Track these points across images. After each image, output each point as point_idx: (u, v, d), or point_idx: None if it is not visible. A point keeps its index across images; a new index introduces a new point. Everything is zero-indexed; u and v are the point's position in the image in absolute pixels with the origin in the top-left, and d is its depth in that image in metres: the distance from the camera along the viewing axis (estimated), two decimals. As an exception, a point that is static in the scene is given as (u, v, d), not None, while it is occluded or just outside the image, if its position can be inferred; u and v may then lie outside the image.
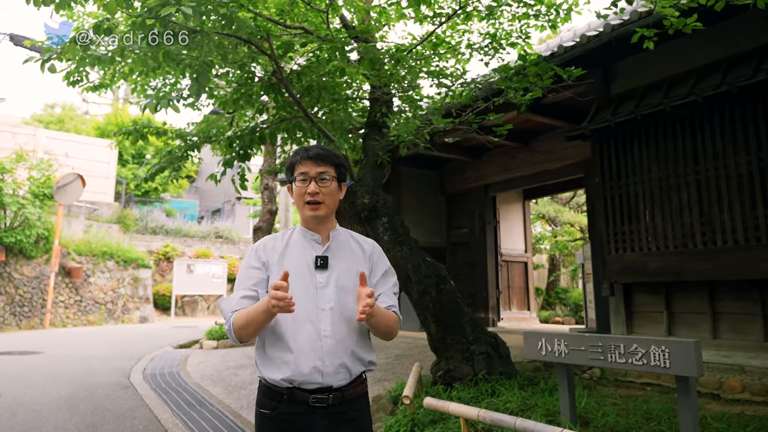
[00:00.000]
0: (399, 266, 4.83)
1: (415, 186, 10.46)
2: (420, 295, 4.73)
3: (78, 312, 14.35)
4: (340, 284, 1.77)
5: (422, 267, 4.77)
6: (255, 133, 4.90)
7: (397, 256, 4.83)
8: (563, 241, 14.26)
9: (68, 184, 14.14)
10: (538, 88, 4.46)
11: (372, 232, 5.00)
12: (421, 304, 4.75)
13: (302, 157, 1.81)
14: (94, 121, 26.52)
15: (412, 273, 4.76)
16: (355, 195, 5.11)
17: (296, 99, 4.59)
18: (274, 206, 10.35)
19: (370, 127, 5.81)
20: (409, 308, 9.51)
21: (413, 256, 4.82)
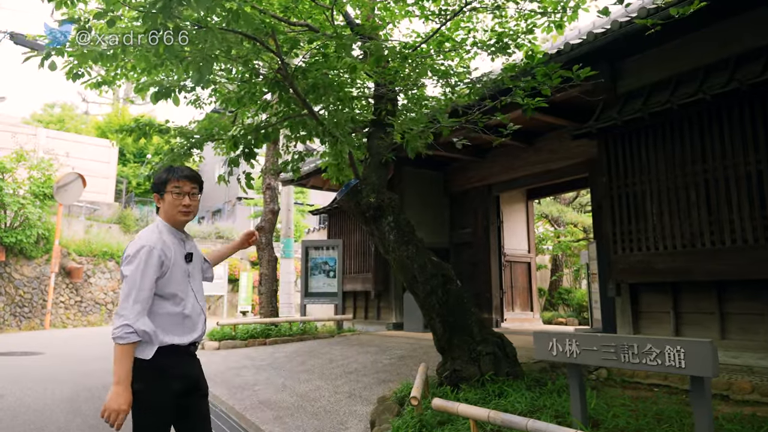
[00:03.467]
0: (405, 266, 4.79)
1: (418, 186, 10.42)
2: (426, 295, 4.68)
3: (78, 313, 14.29)
4: (197, 271, 2.45)
5: (428, 267, 4.72)
6: (259, 131, 4.84)
7: (403, 255, 4.78)
8: (566, 242, 14.21)
9: (68, 184, 14.09)
10: (547, 87, 4.40)
11: (377, 231, 4.95)
12: (428, 305, 4.69)
13: (177, 175, 2.33)
14: (94, 121, 26.48)
15: (418, 273, 4.71)
16: (360, 194, 5.06)
17: (301, 96, 4.54)
18: (276, 206, 10.31)
19: (374, 126, 5.76)
20: (411, 309, 9.51)
21: (419, 255, 4.77)
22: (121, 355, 2.05)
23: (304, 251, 10.20)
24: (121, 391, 2.03)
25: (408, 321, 9.53)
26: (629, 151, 5.94)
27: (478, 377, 4.41)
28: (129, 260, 2.16)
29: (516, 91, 4.59)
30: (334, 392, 5.35)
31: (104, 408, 2.03)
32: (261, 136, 4.86)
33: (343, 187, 5.16)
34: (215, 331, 9.45)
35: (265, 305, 9.92)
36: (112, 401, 2.02)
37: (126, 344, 2.05)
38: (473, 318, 4.67)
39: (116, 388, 2.03)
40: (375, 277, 10.04)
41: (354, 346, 7.90)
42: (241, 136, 4.79)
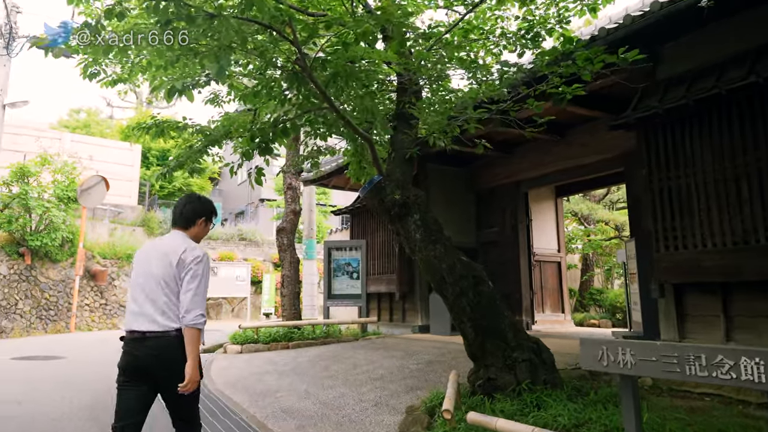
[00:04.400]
0: (432, 266, 4.49)
1: (443, 183, 10.10)
2: (456, 297, 4.38)
3: (103, 315, 14.32)
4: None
5: (458, 267, 4.41)
6: (277, 126, 4.60)
7: (430, 255, 4.49)
8: (597, 240, 13.71)
9: (92, 187, 14.13)
10: (587, 72, 4.05)
11: (403, 229, 4.66)
12: (458, 307, 4.39)
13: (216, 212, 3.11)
14: (119, 125, 26.75)
15: (447, 273, 4.41)
16: (383, 191, 4.78)
17: (321, 88, 4.28)
18: (297, 206, 10.10)
19: (397, 120, 5.48)
20: (438, 312, 9.19)
21: (448, 255, 4.47)
22: (197, 338, 2.62)
23: (327, 252, 9.97)
24: (196, 365, 2.60)
25: (434, 323, 9.22)
26: (672, 141, 5.54)
27: (514, 386, 4.09)
28: (199, 261, 2.69)
29: (552, 78, 4.24)
30: (360, 400, 5.08)
31: (187, 380, 2.56)
32: (279, 131, 4.61)
33: (366, 184, 4.89)
34: (237, 334, 9.28)
35: (287, 308, 9.71)
36: (194, 374, 2.58)
37: (201, 329, 2.63)
38: (507, 321, 4.35)
39: (194, 363, 2.58)
40: (400, 278, 9.75)
41: (379, 350, 7.62)
42: (259, 131, 4.55)
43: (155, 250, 2.80)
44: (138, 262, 2.84)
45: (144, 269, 2.76)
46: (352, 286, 9.81)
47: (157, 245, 2.86)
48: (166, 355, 2.62)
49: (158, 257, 2.74)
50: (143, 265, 2.79)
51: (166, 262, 2.69)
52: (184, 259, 2.67)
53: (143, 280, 2.73)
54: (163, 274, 2.68)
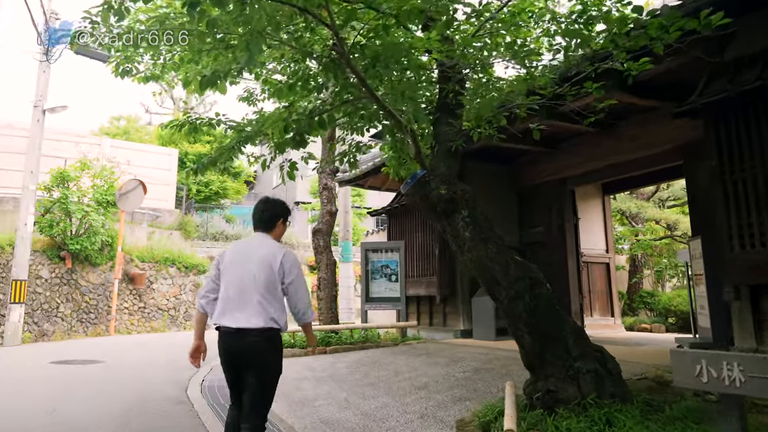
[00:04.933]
0: (484, 267, 4.11)
1: (483, 181, 9.64)
2: (510, 301, 3.97)
3: (142, 318, 14.39)
4: None
5: (512, 268, 4.01)
6: (313, 118, 4.30)
7: (482, 255, 4.10)
8: (646, 240, 13.00)
9: (130, 191, 14.22)
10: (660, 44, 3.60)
11: (450, 227, 4.29)
12: (512, 312, 3.98)
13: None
14: (157, 131, 27.16)
15: (500, 275, 4.01)
16: (428, 186, 4.42)
17: (360, 75, 3.96)
18: (334, 207, 9.83)
19: (440, 111, 5.12)
20: (482, 316, 8.75)
21: (500, 254, 4.07)
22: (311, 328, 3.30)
23: (364, 254, 9.66)
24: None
25: (478, 328, 8.79)
26: (745, 128, 5.01)
27: (578, 400, 3.66)
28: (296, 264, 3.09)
29: (616, 54, 3.80)
30: (404, 411, 4.73)
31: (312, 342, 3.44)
32: (315, 123, 4.31)
33: (409, 180, 4.54)
34: (273, 338, 9.05)
35: (324, 311, 9.44)
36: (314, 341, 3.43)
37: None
38: (568, 327, 3.93)
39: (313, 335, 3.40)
40: (440, 280, 9.35)
41: (421, 356, 7.25)
42: (294, 122, 4.26)
43: (251, 254, 3.07)
44: (230, 264, 3.08)
45: (239, 271, 3.03)
46: (390, 289, 9.47)
47: (252, 249, 3.11)
48: (254, 349, 2.91)
49: (257, 261, 3.01)
50: (237, 266, 3.05)
51: (267, 267, 2.99)
52: (284, 264, 3.01)
53: (243, 281, 2.99)
54: (265, 278, 2.97)
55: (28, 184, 11.70)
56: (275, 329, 2.97)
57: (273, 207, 3.25)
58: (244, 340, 2.90)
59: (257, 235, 3.19)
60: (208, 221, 20.14)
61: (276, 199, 3.36)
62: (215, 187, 22.98)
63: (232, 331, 2.93)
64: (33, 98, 11.69)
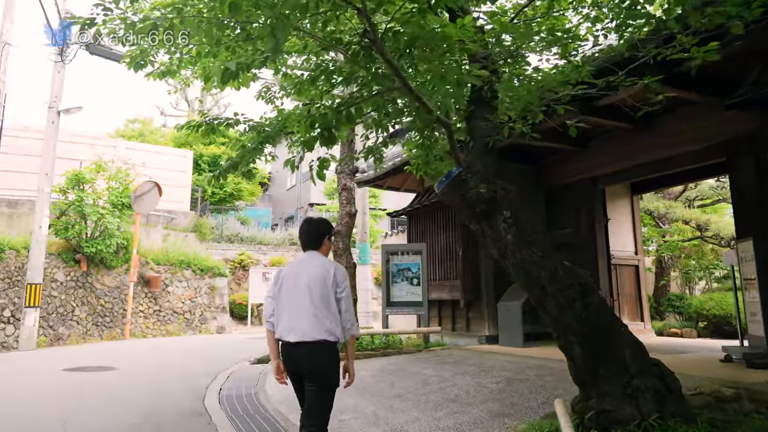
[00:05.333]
0: (528, 273, 3.76)
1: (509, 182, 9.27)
2: (559, 310, 3.63)
3: (157, 322, 14.19)
4: None
5: (560, 274, 3.67)
6: (340, 111, 3.99)
7: (526, 260, 3.76)
8: (674, 241, 12.52)
9: (145, 193, 14.04)
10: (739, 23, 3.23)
11: (490, 230, 3.96)
12: (561, 322, 3.64)
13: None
14: (171, 133, 27.10)
15: (548, 282, 3.67)
16: (465, 185, 4.09)
17: (393, 64, 3.63)
18: (353, 208, 9.51)
19: (474, 104, 4.79)
20: (508, 321, 8.39)
21: (547, 259, 3.73)
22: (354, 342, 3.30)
23: (385, 257, 9.33)
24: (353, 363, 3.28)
25: (504, 334, 8.42)
26: (807, 121, 4.62)
27: (638, 421, 3.31)
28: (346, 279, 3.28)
29: (679, 38, 3.44)
30: (437, 427, 4.39)
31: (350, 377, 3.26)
32: (343, 117, 3.99)
33: (443, 178, 4.21)
34: (292, 344, 8.76)
35: (344, 316, 9.13)
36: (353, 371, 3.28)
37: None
38: (625, 340, 3.57)
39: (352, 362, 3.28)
40: (464, 284, 9.00)
41: (447, 365, 6.90)
42: (320, 116, 3.95)
43: (304, 271, 3.26)
44: (286, 281, 3.28)
45: (295, 287, 3.22)
46: (412, 292, 9.13)
47: (306, 266, 3.30)
48: (314, 360, 3.08)
49: (311, 277, 3.20)
50: (292, 283, 3.24)
51: (321, 281, 3.18)
52: (337, 277, 3.23)
53: (299, 297, 3.19)
54: (319, 292, 3.16)
55: (42, 187, 11.55)
56: (331, 341, 3.11)
57: (317, 226, 3.49)
58: (303, 352, 3.08)
59: (308, 253, 3.40)
60: (223, 223, 19.95)
61: (318, 219, 3.64)
62: (230, 188, 22.81)
63: (292, 344, 3.12)
64: (48, 99, 11.54)
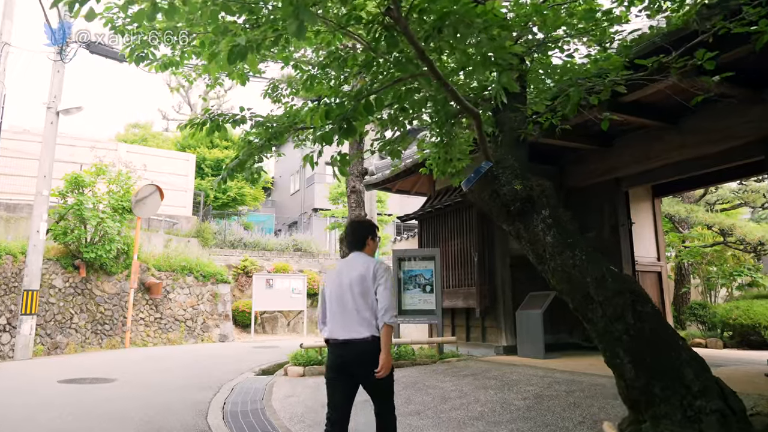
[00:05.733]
0: (572, 280, 3.35)
1: (525, 184, 8.87)
2: (608, 322, 3.21)
3: (158, 330, 13.77)
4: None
5: (608, 280, 3.25)
6: (359, 100, 3.59)
7: (568, 264, 3.35)
8: (695, 247, 12.06)
9: (146, 197, 13.67)
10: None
11: (526, 231, 3.55)
12: (610, 336, 3.22)
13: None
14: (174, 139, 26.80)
15: (594, 289, 3.25)
16: (497, 181, 3.69)
17: (418, 46, 3.24)
18: (362, 212, 9.11)
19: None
20: (527, 330, 7.95)
21: (593, 264, 3.32)
22: (390, 333, 3.18)
23: (396, 262, 8.91)
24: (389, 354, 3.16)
25: (523, 344, 7.98)
26: None
27: (705, 449, 2.89)
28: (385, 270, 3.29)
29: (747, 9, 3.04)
30: (464, 451, 3.96)
31: (381, 366, 3.11)
32: (361, 106, 3.59)
33: (472, 174, 3.81)
34: (299, 354, 8.34)
35: (353, 325, 8.70)
36: (388, 363, 3.14)
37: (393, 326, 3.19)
38: (685, 356, 3.14)
39: (387, 353, 3.15)
40: (480, 291, 8.57)
41: (466, 378, 6.47)
42: (336, 106, 3.56)
43: (348, 271, 3.34)
44: (332, 282, 3.40)
45: (341, 287, 3.31)
46: (424, 300, 8.70)
47: (350, 266, 3.38)
48: (363, 356, 3.15)
49: (354, 277, 3.28)
50: (338, 283, 3.34)
51: (362, 280, 3.25)
52: (375, 272, 3.25)
53: (342, 296, 3.28)
54: (361, 290, 3.23)
55: (41, 189, 11.18)
56: (378, 337, 3.18)
57: (360, 228, 3.56)
58: (351, 349, 3.18)
59: (353, 254, 3.48)
60: (225, 228, 19.58)
61: (362, 220, 3.86)
62: (233, 193, 22.46)
63: (340, 343, 3.23)
64: (46, 100, 11.19)
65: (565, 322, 8.87)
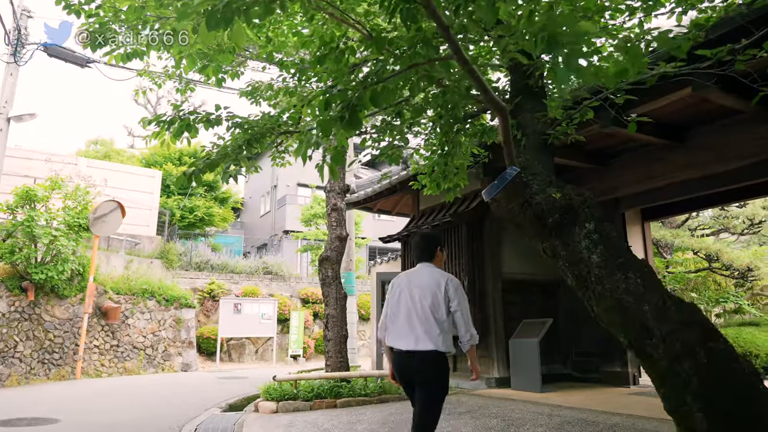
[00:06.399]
0: (624, 308, 2.75)
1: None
2: (673, 360, 2.61)
3: (114, 359, 12.64)
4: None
5: (671, 309, 2.67)
6: (366, 87, 2.98)
7: (619, 289, 2.76)
8: (680, 273, 11.79)
9: (106, 215, 12.68)
10: None
11: (565, 248, 2.96)
12: (675, 377, 2.62)
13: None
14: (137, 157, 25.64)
15: (654, 320, 2.66)
16: (527, 189, 3.11)
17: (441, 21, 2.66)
18: (344, 231, 8.45)
19: (521, 94, 3.87)
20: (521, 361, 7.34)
21: (650, 289, 2.73)
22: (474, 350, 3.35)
23: (380, 286, 8.25)
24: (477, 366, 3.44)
25: (517, 376, 7.37)
26: None
27: None
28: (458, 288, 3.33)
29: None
30: None
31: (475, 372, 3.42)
32: (367, 96, 2.98)
33: (495, 182, 3.21)
34: (271, 387, 7.51)
35: (333, 355, 7.94)
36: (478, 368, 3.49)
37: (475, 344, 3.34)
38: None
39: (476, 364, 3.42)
40: (470, 318, 7.94)
41: (462, 416, 5.79)
42: (338, 94, 2.93)
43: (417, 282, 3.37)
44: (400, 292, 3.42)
45: (411, 298, 3.33)
46: (410, 328, 8.01)
47: (418, 277, 3.40)
48: (424, 367, 3.20)
49: (423, 288, 3.31)
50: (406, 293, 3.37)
51: (432, 293, 3.28)
52: (449, 289, 3.27)
53: (412, 306, 3.31)
54: (431, 304, 3.26)
55: (-14, 203, 10.15)
56: (441, 352, 3.18)
57: (431, 238, 3.62)
58: (414, 360, 3.20)
59: (421, 265, 3.50)
60: (192, 250, 18.54)
61: (430, 232, 3.92)
62: (200, 212, 21.42)
63: (403, 353, 3.26)
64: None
65: (560, 351, 8.33)
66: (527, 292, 8.03)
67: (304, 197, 26.01)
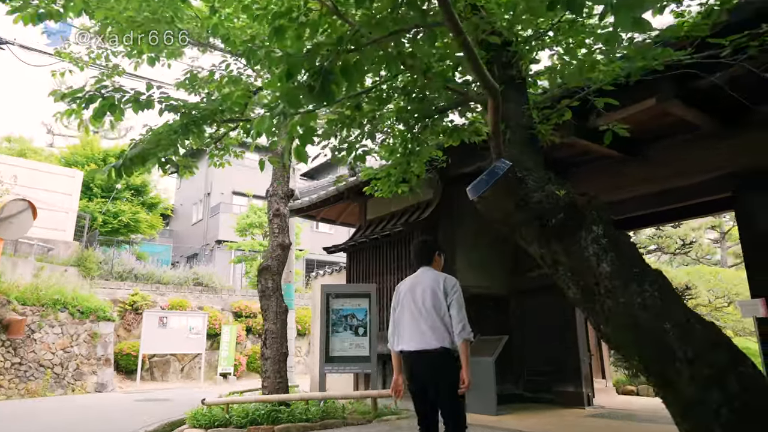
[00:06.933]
0: (639, 325, 2.34)
1: (472, 215, 8.03)
2: (699, 388, 2.21)
3: (15, 378, 11.18)
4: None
5: (697, 330, 2.27)
6: (340, 52, 2.44)
7: (634, 303, 2.34)
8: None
9: (14, 215, 11.27)
10: None
11: (566, 255, 2.52)
12: (702, 407, 2.22)
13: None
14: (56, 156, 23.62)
15: (677, 341, 2.25)
16: (522, 185, 2.66)
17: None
18: (287, 239, 7.79)
19: (503, 85, 3.45)
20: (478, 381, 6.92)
21: (669, 305, 2.33)
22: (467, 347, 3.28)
23: (325, 300, 7.62)
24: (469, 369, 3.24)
25: (473, 399, 6.91)
26: None
27: None
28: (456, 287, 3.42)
29: None
30: None
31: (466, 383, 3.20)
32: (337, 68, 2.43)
33: (483, 177, 2.73)
34: (199, 413, 6.70)
35: (271, 375, 7.19)
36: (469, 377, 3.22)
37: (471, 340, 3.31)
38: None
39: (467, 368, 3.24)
40: (422, 335, 7.47)
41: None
42: (305, 59, 2.37)
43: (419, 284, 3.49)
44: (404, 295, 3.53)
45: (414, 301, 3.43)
46: (357, 345, 7.42)
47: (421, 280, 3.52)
48: (434, 365, 3.27)
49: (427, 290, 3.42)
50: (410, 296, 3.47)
51: (433, 293, 3.40)
52: (446, 286, 3.41)
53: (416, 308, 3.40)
54: (431, 303, 3.36)
55: None
56: (448, 349, 3.26)
57: (429, 244, 3.73)
58: (423, 360, 3.28)
59: (422, 269, 3.62)
60: (114, 258, 17.06)
61: (428, 239, 3.92)
62: (126, 218, 19.87)
63: (413, 352, 3.33)
64: None
65: (512, 370, 7.99)
66: (482, 306, 7.65)
67: (240, 206, 24.87)
